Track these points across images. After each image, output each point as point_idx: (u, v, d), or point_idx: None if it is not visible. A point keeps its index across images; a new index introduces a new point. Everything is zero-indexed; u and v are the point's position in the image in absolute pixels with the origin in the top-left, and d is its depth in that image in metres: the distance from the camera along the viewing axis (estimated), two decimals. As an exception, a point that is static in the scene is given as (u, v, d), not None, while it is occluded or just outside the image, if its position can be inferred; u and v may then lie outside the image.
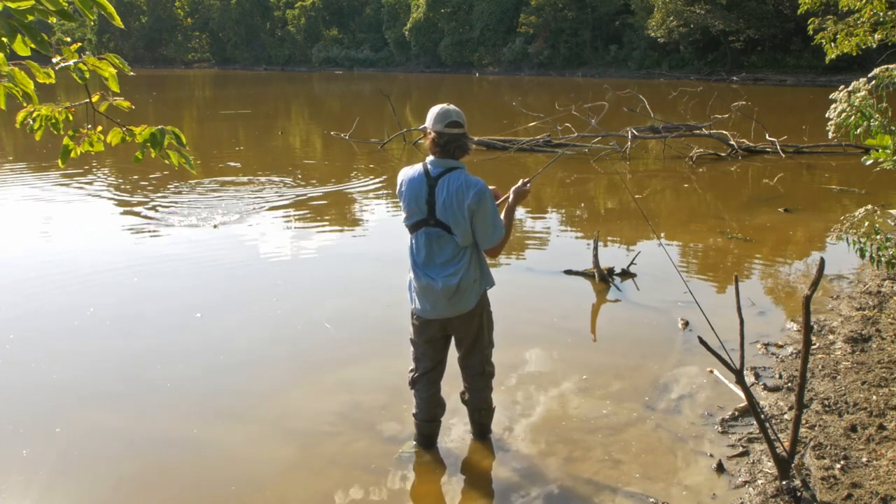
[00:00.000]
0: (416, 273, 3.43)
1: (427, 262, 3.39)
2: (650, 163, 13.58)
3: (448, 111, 3.29)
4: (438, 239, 3.35)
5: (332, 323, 5.53)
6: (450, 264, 3.35)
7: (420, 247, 3.40)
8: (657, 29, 43.02)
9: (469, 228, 3.29)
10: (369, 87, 38.97)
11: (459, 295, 3.36)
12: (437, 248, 3.36)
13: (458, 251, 3.35)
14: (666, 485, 3.40)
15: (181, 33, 75.99)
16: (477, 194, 3.23)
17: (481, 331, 3.53)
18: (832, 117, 4.08)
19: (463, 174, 3.29)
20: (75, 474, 3.60)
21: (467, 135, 3.36)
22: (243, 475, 3.54)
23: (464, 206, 3.24)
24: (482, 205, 3.24)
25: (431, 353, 3.57)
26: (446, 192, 3.26)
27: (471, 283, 3.38)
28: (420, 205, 3.33)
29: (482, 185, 3.27)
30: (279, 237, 8.12)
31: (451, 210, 3.26)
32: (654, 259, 6.82)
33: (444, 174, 3.29)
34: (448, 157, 3.31)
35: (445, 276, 3.34)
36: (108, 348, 5.06)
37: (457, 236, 3.31)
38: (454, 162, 3.32)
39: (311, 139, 19.08)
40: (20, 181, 11.63)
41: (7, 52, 2.15)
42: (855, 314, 5.44)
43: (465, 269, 3.35)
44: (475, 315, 3.46)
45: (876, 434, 3.64)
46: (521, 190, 3.59)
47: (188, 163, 2.58)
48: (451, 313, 3.40)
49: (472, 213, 3.25)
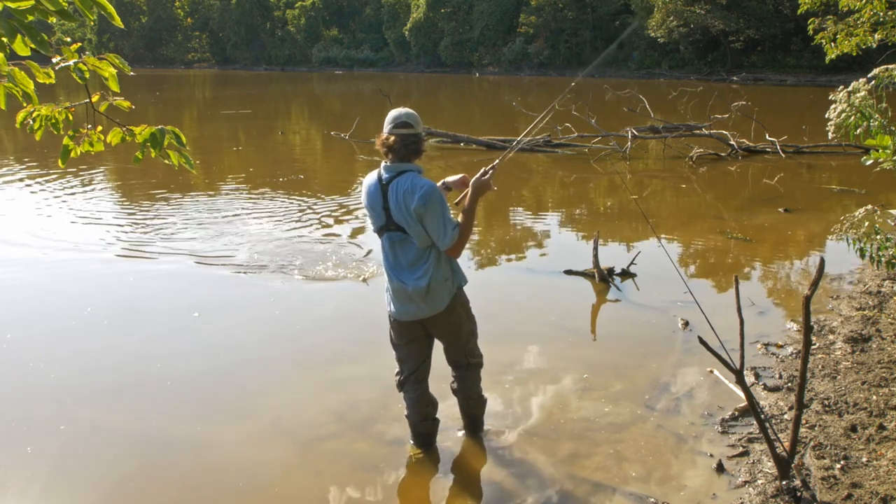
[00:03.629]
0: (388, 276, 3.44)
1: (395, 265, 3.39)
2: (650, 163, 13.58)
3: (398, 113, 3.28)
4: (401, 242, 3.34)
5: (333, 322, 5.53)
6: (417, 266, 3.33)
7: (386, 251, 3.40)
8: (657, 29, 42.99)
9: (422, 231, 3.26)
10: (369, 87, 38.96)
11: (431, 295, 3.34)
12: (401, 251, 3.35)
13: (421, 253, 3.33)
14: (666, 485, 3.40)
15: (181, 33, 75.96)
16: (422, 197, 3.18)
17: (459, 327, 3.51)
18: (832, 117, 4.08)
19: (411, 177, 3.24)
20: (77, 472, 3.61)
21: (420, 135, 3.31)
22: (243, 475, 3.54)
23: (411, 209, 3.21)
24: (429, 207, 3.19)
25: (414, 353, 3.56)
26: (395, 197, 3.24)
27: (441, 282, 3.35)
28: (377, 210, 3.32)
29: (428, 188, 3.21)
30: (280, 236, 8.13)
31: (401, 214, 3.25)
32: (654, 259, 6.81)
33: (395, 178, 3.26)
34: (400, 160, 3.27)
35: (415, 279, 3.32)
36: (107, 348, 5.07)
37: (413, 238, 3.29)
38: (406, 165, 3.28)
39: (312, 139, 19.08)
40: (20, 181, 11.63)
41: (7, 52, 2.15)
42: (855, 314, 5.44)
43: (432, 270, 3.32)
44: (451, 313, 3.43)
45: (876, 434, 3.64)
46: (480, 181, 3.47)
47: (188, 162, 2.58)
48: (426, 314, 3.39)
49: (419, 217, 3.22)
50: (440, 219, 3.23)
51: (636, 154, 13.62)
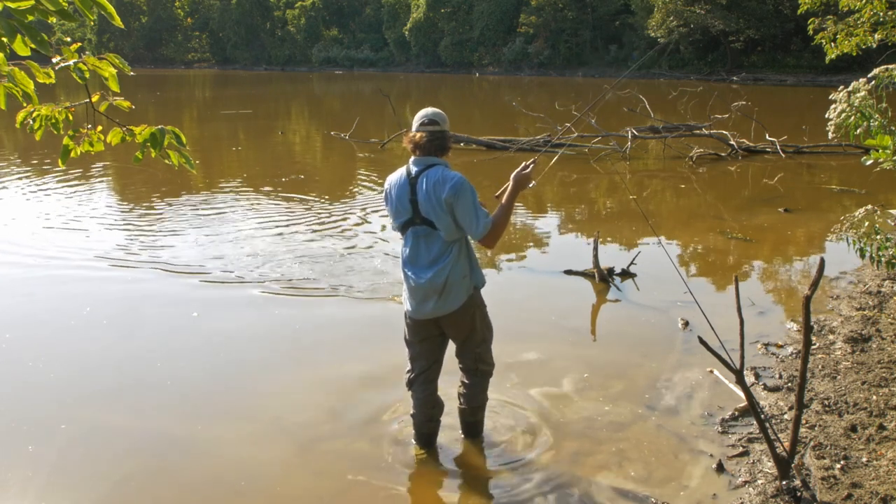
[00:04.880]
0: (405, 273, 3.46)
1: (415, 260, 3.41)
2: (650, 163, 13.58)
3: (426, 112, 3.40)
4: (426, 237, 3.37)
5: (333, 321, 5.53)
6: (437, 262, 3.36)
7: (409, 246, 3.43)
8: (657, 29, 42.97)
9: (451, 222, 3.31)
10: (369, 87, 38.95)
11: (447, 292, 3.36)
12: (425, 246, 3.38)
13: (445, 248, 3.36)
14: (666, 485, 3.40)
15: (181, 33, 75.94)
16: (453, 187, 3.25)
17: (473, 329, 3.51)
18: (832, 117, 4.08)
19: (441, 169, 3.32)
20: (78, 471, 3.61)
21: (446, 133, 3.39)
22: (243, 475, 3.54)
23: (441, 200, 3.26)
24: (459, 196, 3.25)
25: (426, 352, 3.57)
26: (425, 188, 3.30)
27: (458, 280, 3.37)
28: (405, 204, 3.37)
29: (459, 178, 3.29)
30: (279, 238, 8.13)
31: (431, 205, 3.29)
32: (654, 259, 6.81)
33: (424, 171, 3.33)
34: (427, 154, 3.36)
35: (433, 275, 3.35)
36: (107, 348, 5.07)
37: (441, 231, 3.33)
38: (434, 159, 3.36)
39: (312, 139, 19.08)
40: (20, 181, 11.63)
41: (7, 52, 2.15)
42: (855, 314, 5.44)
43: (451, 267, 3.35)
44: (466, 313, 3.44)
45: (876, 434, 3.64)
46: (521, 175, 3.53)
47: (188, 162, 2.58)
48: (441, 311, 3.40)
49: (450, 207, 3.27)
50: (471, 207, 3.28)
51: (636, 154, 13.61)
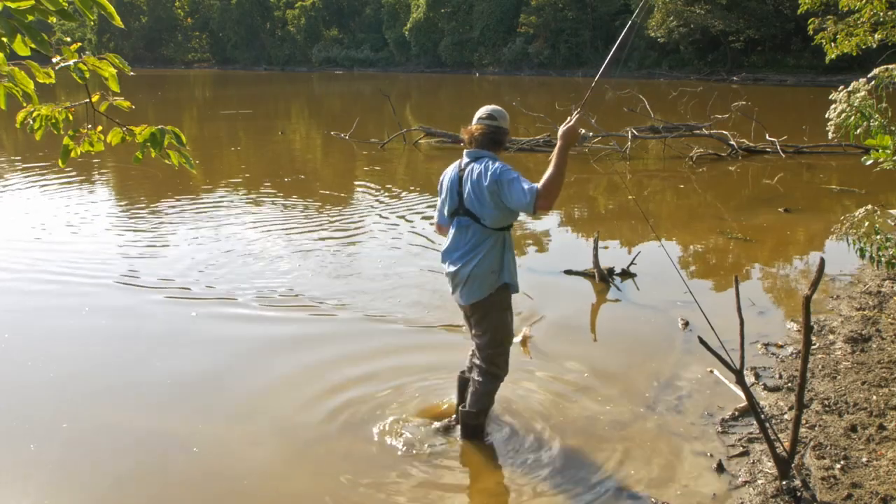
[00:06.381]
0: (442, 259, 3.61)
1: (452, 248, 3.54)
2: (650, 163, 13.58)
3: (488, 107, 3.54)
4: (466, 227, 3.49)
5: (333, 321, 5.53)
6: (468, 253, 3.47)
7: (451, 235, 3.55)
8: (657, 29, 42.99)
9: (496, 211, 3.39)
10: (369, 87, 38.93)
11: (471, 283, 3.46)
12: (464, 236, 3.50)
13: (480, 240, 3.45)
14: (666, 485, 3.40)
15: (181, 33, 75.95)
16: (494, 173, 3.35)
17: (488, 328, 3.55)
18: (832, 117, 4.08)
19: (486, 161, 3.42)
20: (79, 471, 3.61)
21: (502, 129, 3.50)
22: (243, 474, 3.54)
23: (484, 189, 3.37)
24: (501, 181, 3.32)
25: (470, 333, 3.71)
26: (471, 179, 3.42)
27: (485, 272, 3.44)
28: (453, 194, 3.52)
29: (501, 164, 3.38)
30: (280, 238, 8.13)
31: (474, 195, 3.41)
32: (654, 259, 6.81)
33: (472, 162, 3.46)
34: (479, 147, 3.48)
35: (461, 264, 3.47)
36: (107, 348, 5.07)
37: (484, 220, 3.42)
38: (483, 152, 3.48)
39: (312, 139, 19.08)
40: (20, 180, 11.62)
41: (7, 52, 2.15)
42: (855, 314, 5.44)
43: (480, 259, 3.43)
44: (487, 308, 3.50)
45: (876, 434, 3.64)
46: (567, 129, 3.38)
47: (188, 162, 2.58)
48: (464, 301, 3.53)
49: (494, 195, 3.35)
50: (517, 184, 3.30)
51: (636, 154, 13.61)
